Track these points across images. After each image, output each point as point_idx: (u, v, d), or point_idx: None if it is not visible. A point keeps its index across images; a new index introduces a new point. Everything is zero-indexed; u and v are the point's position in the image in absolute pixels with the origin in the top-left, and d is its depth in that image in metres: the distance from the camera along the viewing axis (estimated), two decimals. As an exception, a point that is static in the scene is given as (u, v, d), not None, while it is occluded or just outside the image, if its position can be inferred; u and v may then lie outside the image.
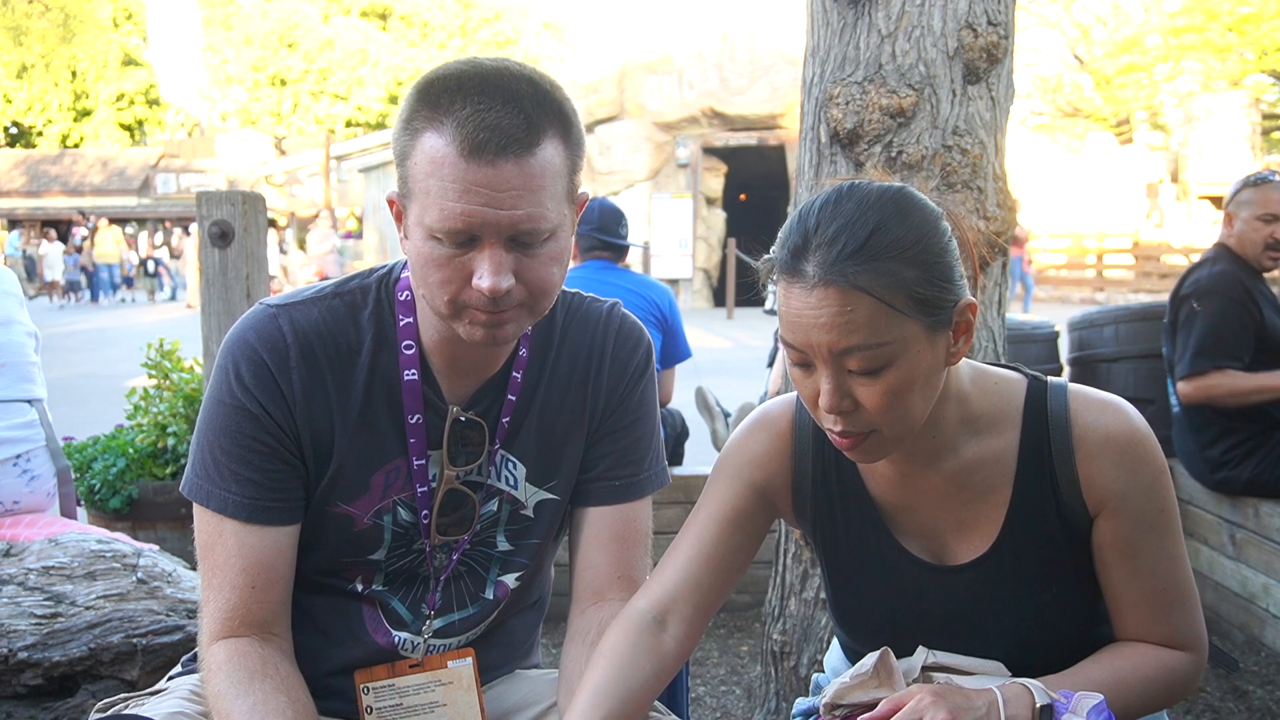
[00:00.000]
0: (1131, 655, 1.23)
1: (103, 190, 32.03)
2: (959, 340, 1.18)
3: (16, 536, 2.43)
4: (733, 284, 17.61)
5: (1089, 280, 20.11)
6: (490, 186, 1.10)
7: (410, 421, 1.27)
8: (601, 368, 1.37)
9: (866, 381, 1.12)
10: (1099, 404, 1.24)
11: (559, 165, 1.15)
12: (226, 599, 1.22)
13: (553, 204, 1.15)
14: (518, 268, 1.15)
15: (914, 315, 1.11)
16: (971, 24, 2.20)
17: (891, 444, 1.18)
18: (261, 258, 3.07)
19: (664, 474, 1.43)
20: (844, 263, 1.10)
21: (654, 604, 1.28)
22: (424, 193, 1.12)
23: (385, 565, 1.32)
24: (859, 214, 1.12)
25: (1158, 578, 1.23)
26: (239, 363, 1.23)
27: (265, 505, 1.22)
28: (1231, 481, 3.29)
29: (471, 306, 1.16)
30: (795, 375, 1.18)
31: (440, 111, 1.11)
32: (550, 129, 1.14)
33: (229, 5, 38.56)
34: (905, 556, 1.30)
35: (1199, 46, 20.59)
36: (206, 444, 1.24)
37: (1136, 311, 4.02)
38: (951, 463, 1.26)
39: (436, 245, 1.14)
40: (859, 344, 1.10)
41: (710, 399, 4.80)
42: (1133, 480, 1.21)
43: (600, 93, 19.00)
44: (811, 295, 1.11)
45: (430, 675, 1.32)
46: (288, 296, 1.29)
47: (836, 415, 1.15)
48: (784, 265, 1.15)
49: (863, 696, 1.20)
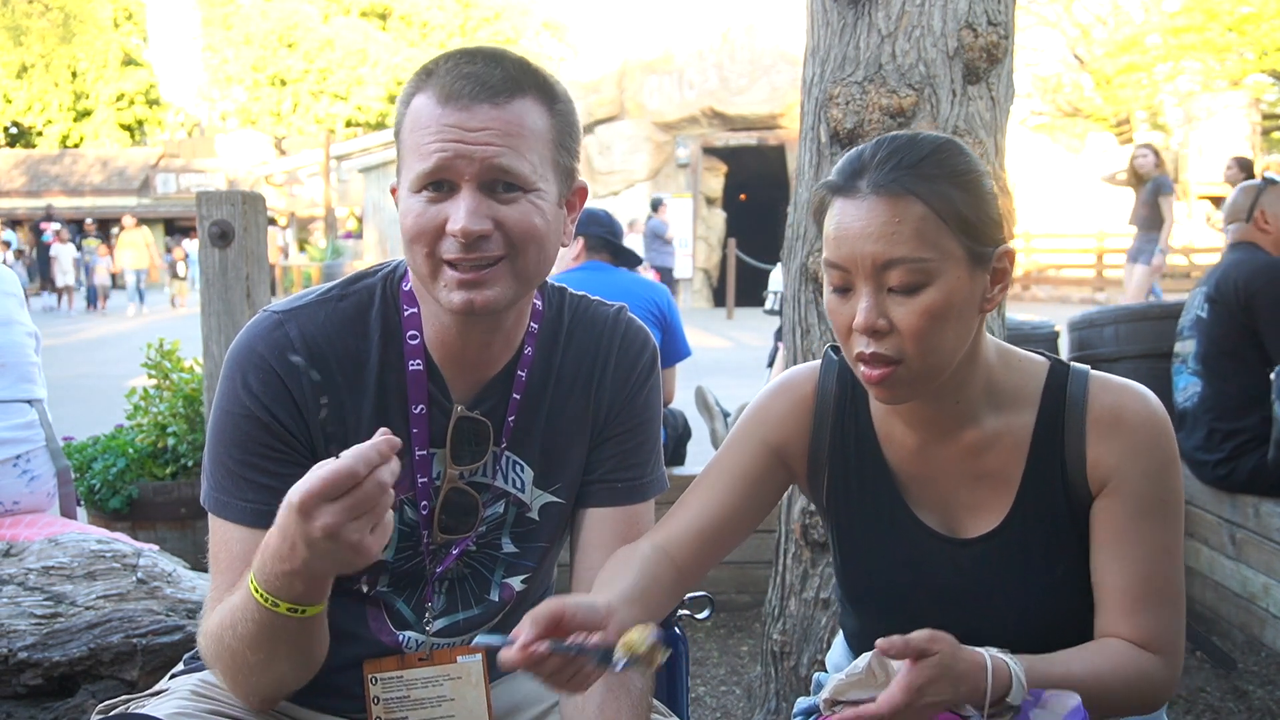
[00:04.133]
0: (1112, 656, 1.22)
1: (103, 190, 32.00)
2: (995, 287, 1.21)
3: (16, 536, 2.43)
4: (733, 284, 17.60)
5: (1089, 280, 20.09)
6: (463, 127, 1.13)
7: (414, 411, 1.26)
8: (606, 371, 1.36)
9: (905, 301, 1.15)
10: (1119, 387, 1.26)
11: (540, 126, 1.17)
12: (230, 586, 1.21)
13: (531, 156, 1.16)
14: (495, 215, 1.15)
15: (958, 236, 1.15)
16: (971, 24, 2.20)
17: (917, 381, 1.19)
18: (262, 258, 3.07)
19: (664, 479, 1.43)
20: (899, 173, 1.15)
21: (656, 546, 1.32)
22: (408, 150, 1.16)
23: (392, 566, 1.31)
24: (914, 142, 1.19)
25: (1147, 567, 1.22)
26: (246, 372, 1.22)
27: (276, 510, 1.22)
28: (1232, 475, 3.29)
29: (448, 263, 1.16)
30: (832, 304, 1.21)
31: (428, 75, 1.16)
32: (531, 90, 1.17)
33: (229, 5, 38.56)
34: (918, 526, 1.31)
35: (1199, 46, 20.58)
36: (216, 456, 1.24)
37: (1136, 311, 4.02)
38: (971, 435, 1.27)
39: (417, 200, 1.15)
40: (904, 256, 1.14)
41: (710, 399, 4.80)
42: (1138, 463, 1.22)
43: (600, 93, 18.99)
44: (863, 206, 1.16)
45: (439, 669, 1.32)
46: (292, 301, 1.29)
47: (870, 336, 1.16)
48: (836, 186, 1.20)
49: (862, 694, 1.21)
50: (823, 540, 2.34)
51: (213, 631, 1.18)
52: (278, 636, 1.12)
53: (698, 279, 19.78)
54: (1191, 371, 3.42)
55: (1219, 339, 3.32)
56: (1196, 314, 3.41)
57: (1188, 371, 3.44)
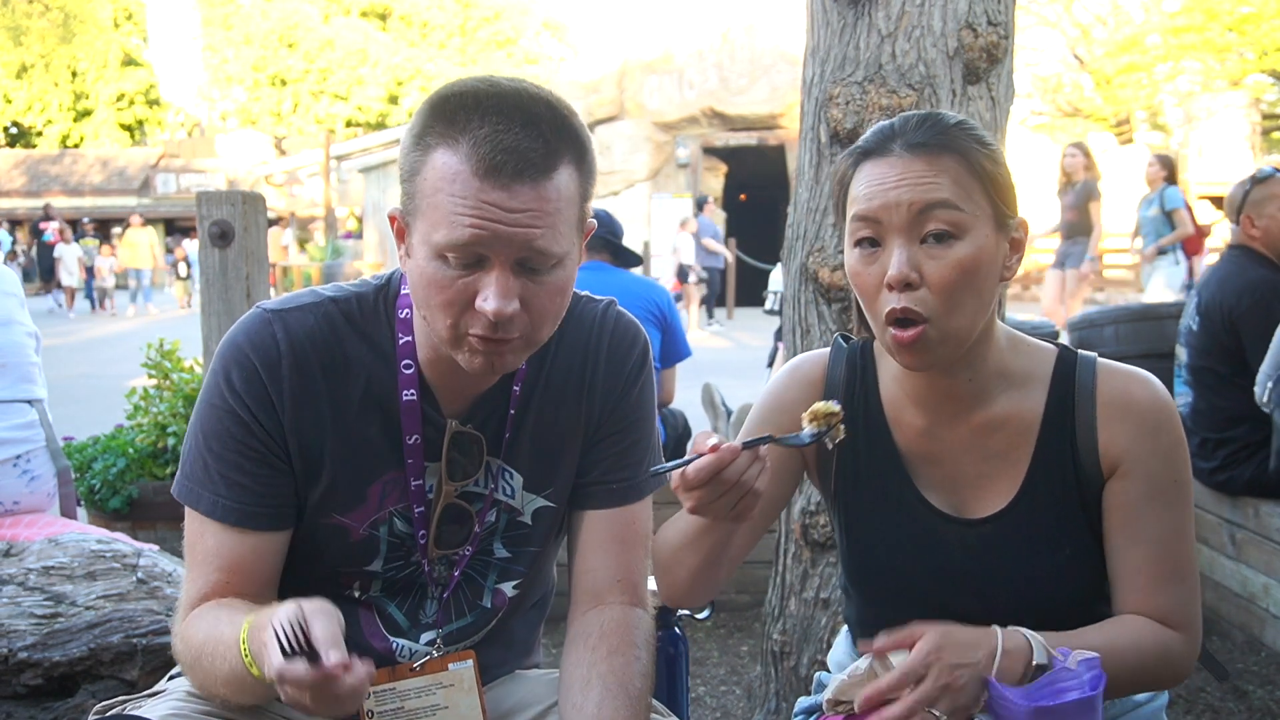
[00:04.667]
0: (1130, 628, 1.24)
1: (103, 190, 32.00)
2: (1014, 256, 1.24)
3: (16, 536, 2.43)
4: (733, 284, 17.60)
5: (1089, 280, 20.09)
6: (502, 206, 1.08)
7: (408, 442, 1.26)
8: (597, 371, 1.35)
9: (938, 252, 1.17)
10: (1126, 373, 1.29)
11: (572, 192, 1.13)
12: (205, 581, 1.23)
13: (564, 230, 1.13)
14: (524, 294, 1.12)
15: (989, 194, 1.19)
16: (971, 24, 2.20)
17: (944, 343, 1.20)
18: (262, 258, 3.07)
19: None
20: (933, 133, 1.20)
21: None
22: (433, 208, 1.09)
23: (383, 575, 1.31)
24: (938, 114, 1.25)
25: (1162, 547, 1.25)
26: (230, 367, 1.22)
27: (251, 510, 1.22)
28: (1232, 482, 3.29)
29: (472, 333, 1.13)
30: (857, 265, 1.22)
31: (455, 129, 1.08)
32: (567, 155, 1.12)
33: (229, 5, 38.56)
34: (925, 507, 1.32)
35: (1199, 46, 20.58)
36: (196, 446, 1.24)
37: (1136, 311, 4.02)
38: (980, 416, 1.29)
39: (441, 265, 1.11)
40: (945, 199, 1.17)
41: (717, 397, 4.82)
42: (1150, 445, 1.25)
43: (600, 93, 18.99)
44: (898, 163, 1.19)
45: (431, 678, 1.31)
46: (285, 300, 1.28)
47: (900, 291, 1.18)
48: (866, 150, 1.23)
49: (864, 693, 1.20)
50: (823, 540, 2.34)
51: (192, 644, 1.19)
52: (256, 692, 1.14)
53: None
54: (1184, 380, 3.42)
55: (1205, 354, 3.31)
56: (1189, 323, 3.40)
57: (1181, 380, 3.44)
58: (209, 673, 1.16)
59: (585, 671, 1.25)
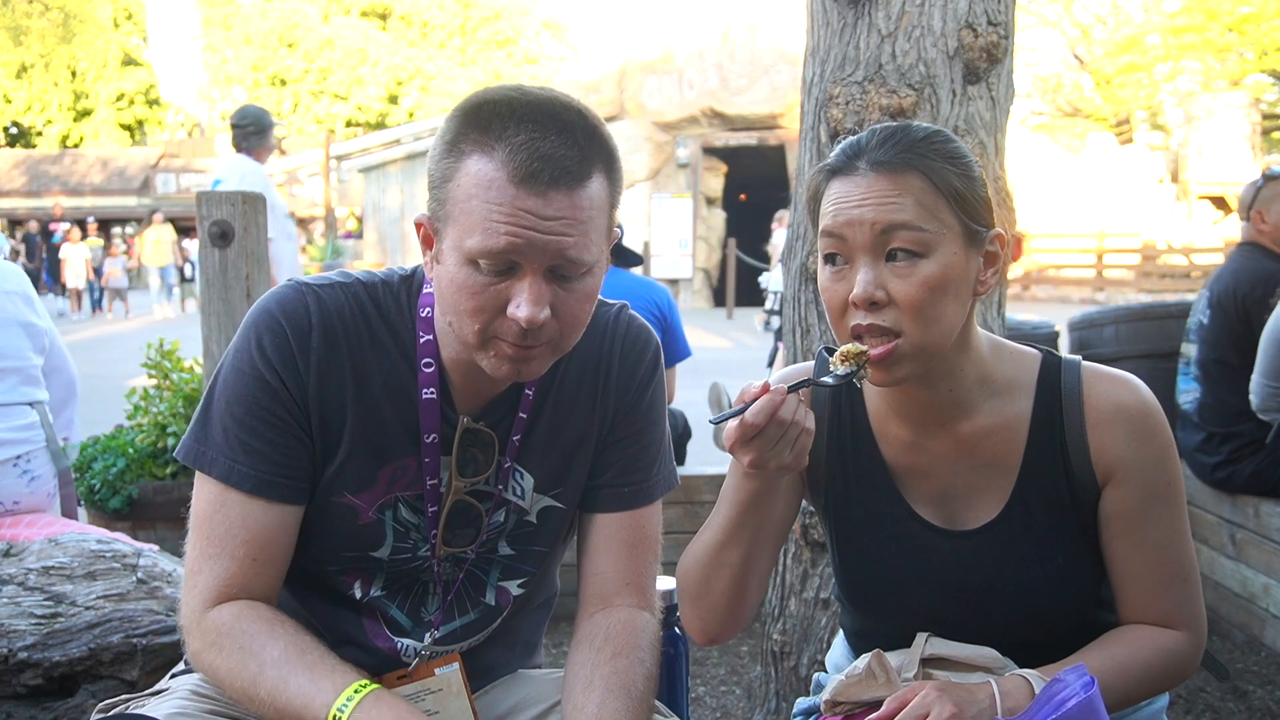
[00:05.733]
0: (1130, 641, 1.24)
1: (103, 190, 32.00)
2: (988, 270, 1.22)
3: (16, 536, 2.43)
4: (733, 284, 17.61)
5: (1089, 280, 20.10)
6: (538, 214, 1.09)
7: (426, 441, 1.26)
8: (610, 375, 1.35)
9: (904, 271, 1.16)
10: (1110, 377, 1.28)
11: (603, 200, 1.15)
12: (225, 568, 1.21)
13: (595, 238, 1.14)
14: (554, 301, 1.13)
15: (955, 211, 1.18)
16: (971, 24, 2.20)
17: (917, 357, 1.19)
18: (262, 258, 3.06)
19: (672, 476, 1.42)
20: (897, 150, 1.18)
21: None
22: (466, 214, 1.10)
23: (388, 565, 1.31)
24: (907, 128, 1.23)
25: (1162, 551, 1.25)
26: (262, 333, 1.22)
27: (271, 480, 1.21)
28: (1234, 477, 3.29)
29: (501, 338, 1.14)
30: (826, 281, 1.22)
31: (490, 136, 1.09)
32: (599, 163, 1.13)
33: (229, 5, 38.57)
34: (916, 520, 1.32)
35: (1199, 46, 20.61)
36: (218, 412, 1.23)
37: (1136, 311, 4.02)
38: (966, 426, 1.28)
39: (473, 272, 1.11)
40: (906, 221, 1.16)
41: (724, 397, 4.84)
42: (1142, 450, 1.24)
43: (600, 92, 19.00)
44: (862, 181, 1.18)
45: (419, 685, 1.31)
46: (316, 279, 1.29)
47: (867, 309, 1.17)
48: (834, 168, 1.22)
49: (864, 694, 1.21)
50: (823, 540, 2.34)
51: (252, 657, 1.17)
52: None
53: (698, 279, 19.80)
54: (1193, 376, 3.43)
55: (1217, 346, 3.32)
56: (1199, 318, 3.42)
57: (1189, 375, 3.45)
58: (256, 689, 1.15)
59: (589, 673, 1.25)
